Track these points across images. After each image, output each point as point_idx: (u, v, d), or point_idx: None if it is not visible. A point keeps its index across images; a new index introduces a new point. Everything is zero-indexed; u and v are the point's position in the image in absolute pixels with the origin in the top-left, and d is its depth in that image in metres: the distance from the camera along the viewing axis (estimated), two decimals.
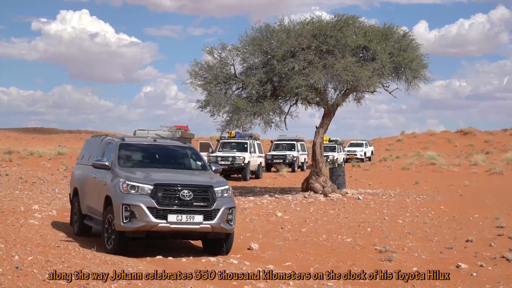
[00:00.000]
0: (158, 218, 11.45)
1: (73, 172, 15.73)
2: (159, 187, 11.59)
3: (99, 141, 14.55)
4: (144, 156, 13.67)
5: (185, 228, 11.61)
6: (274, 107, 24.58)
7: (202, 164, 13.63)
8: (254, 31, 24.88)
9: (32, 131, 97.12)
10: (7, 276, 7.84)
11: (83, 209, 14.10)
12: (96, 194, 13.07)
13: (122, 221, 11.47)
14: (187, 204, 11.59)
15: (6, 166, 34.64)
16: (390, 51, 24.44)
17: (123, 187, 11.68)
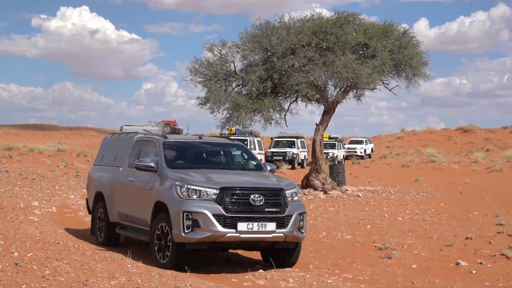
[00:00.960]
0: (226, 227, 9.97)
1: (91, 174, 14.05)
2: (226, 191, 10.10)
3: (127, 139, 13.02)
4: (191, 155, 12.19)
5: (256, 238, 10.19)
6: (274, 104, 24.59)
7: (257, 163, 12.29)
8: (254, 28, 24.91)
9: (32, 128, 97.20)
10: (6, 272, 7.85)
11: (112, 216, 12.58)
12: (136, 199, 11.65)
13: (182, 231, 9.96)
14: (258, 210, 10.14)
15: (6, 163, 34.65)
16: (390, 49, 24.44)
17: (182, 191, 10.19)
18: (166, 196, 10.42)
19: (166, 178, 10.69)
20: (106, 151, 13.94)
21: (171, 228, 10.18)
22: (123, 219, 12.20)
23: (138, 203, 11.47)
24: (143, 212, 11.21)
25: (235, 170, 11.88)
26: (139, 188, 11.47)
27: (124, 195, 12.12)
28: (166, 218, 10.36)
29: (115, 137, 14.07)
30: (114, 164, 12.96)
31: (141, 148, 12.20)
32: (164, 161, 11.18)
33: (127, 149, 12.65)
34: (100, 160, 13.98)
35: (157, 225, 10.59)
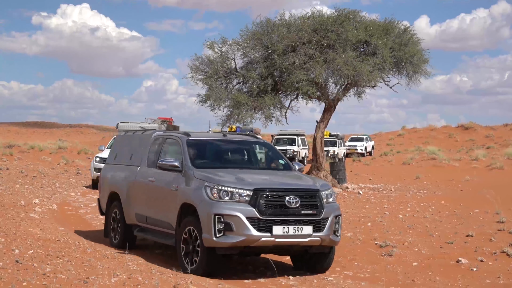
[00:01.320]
0: (261, 230, 9.39)
1: (103, 174, 13.40)
2: (260, 193, 9.50)
3: (144, 138, 12.31)
4: (215, 154, 11.60)
5: (291, 242, 9.64)
6: (275, 101, 24.59)
7: (285, 162, 11.62)
8: (255, 26, 24.93)
9: (33, 125, 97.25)
10: (7, 270, 7.85)
11: (129, 218, 11.98)
12: (157, 201, 11.04)
13: (214, 235, 9.36)
14: (294, 213, 9.56)
15: (6, 160, 34.66)
16: (391, 46, 24.44)
17: (212, 193, 9.56)
18: (195, 198, 9.83)
19: (193, 179, 10.09)
20: (119, 149, 13.30)
21: (200, 232, 9.58)
22: (142, 221, 11.56)
23: (161, 205, 10.89)
24: (166, 215, 10.61)
25: (264, 170, 11.33)
26: (162, 189, 10.87)
27: (144, 196, 11.52)
28: (194, 221, 9.79)
29: (129, 135, 13.37)
30: (130, 163, 12.33)
31: (161, 147, 11.55)
32: (189, 160, 10.55)
33: (144, 147, 12.00)
34: (113, 159, 13.34)
35: (183, 229, 10.00)
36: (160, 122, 25.65)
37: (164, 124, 25.36)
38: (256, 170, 11.13)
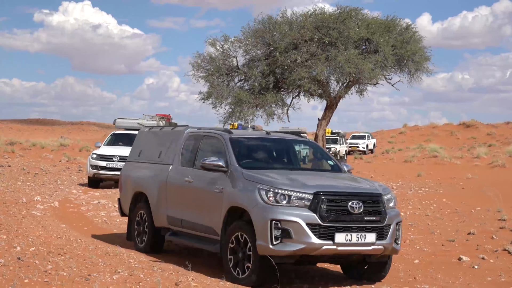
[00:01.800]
0: (322, 238, 8.62)
1: (125, 172, 12.53)
2: (321, 197, 8.72)
3: (175, 134, 11.45)
4: (260, 154, 10.78)
5: (354, 250, 8.89)
6: (277, 99, 24.60)
7: (334, 163, 10.79)
8: (256, 23, 24.93)
9: (35, 123, 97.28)
10: (9, 267, 7.85)
11: (159, 220, 11.13)
12: (197, 203, 10.24)
13: (270, 243, 8.56)
14: (357, 219, 8.80)
15: (8, 157, 34.68)
16: (393, 44, 24.43)
17: (268, 196, 8.76)
18: (246, 201, 9.01)
19: (242, 180, 9.31)
20: (144, 146, 12.35)
21: (253, 238, 8.79)
22: (177, 225, 10.76)
23: (201, 208, 10.09)
24: (208, 218, 9.84)
25: (314, 171, 10.58)
26: (202, 191, 10.07)
27: (179, 197, 10.71)
28: (245, 226, 9.00)
29: (155, 131, 12.44)
30: (159, 161, 11.44)
31: (197, 145, 10.73)
32: (236, 160, 9.73)
33: (176, 145, 11.15)
34: (136, 156, 12.39)
35: (231, 235, 9.20)
36: (158, 119, 25.41)
37: (163, 121, 25.22)
38: (306, 171, 10.44)
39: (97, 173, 22.56)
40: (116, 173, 21.96)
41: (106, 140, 24.39)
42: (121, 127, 25.34)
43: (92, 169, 22.69)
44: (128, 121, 25.36)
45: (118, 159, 22.34)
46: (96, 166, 22.54)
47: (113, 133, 24.94)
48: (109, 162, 22.50)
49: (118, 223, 14.87)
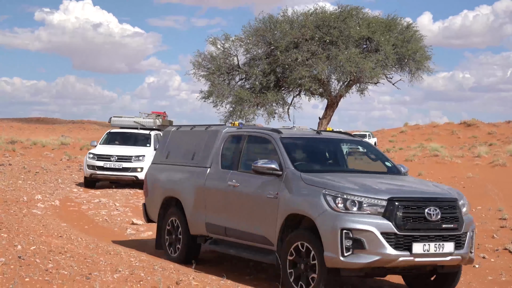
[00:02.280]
0: (399, 249, 7.81)
1: (152, 175, 11.58)
2: (396, 203, 7.90)
3: (210, 134, 10.57)
4: (313, 155, 9.97)
5: (431, 262, 8.08)
6: (277, 98, 24.61)
7: (392, 165, 9.96)
8: (257, 22, 24.92)
9: (35, 121, 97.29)
10: (9, 265, 7.85)
11: (196, 228, 10.27)
12: (244, 210, 9.35)
13: (340, 254, 7.75)
14: (435, 226, 8.02)
15: (9, 156, 34.70)
16: (394, 43, 24.43)
17: (337, 202, 7.95)
18: (310, 208, 8.20)
19: (301, 184, 8.50)
20: (172, 147, 11.40)
21: (319, 249, 7.99)
22: (218, 233, 9.90)
23: (250, 215, 9.24)
24: (259, 226, 9.02)
25: (373, 174, 9.62)
26: (251, 196, 9.23)
27: (221, 203, 9.83)
28: (308, 236, 8.22)
29: (185, 130, 11.47)
30: (193, 163, 10.56)
31: (241, 146, 9.89)
32: (290, 162, 8.92)
33: (213, 146, 10.29)
34: (164, 158, 11.45)
35: (291, 245, 8.38)
36: (154, 117, 25.10)
37: (159, 119, 24.96)
38: (365, 174, 9.50)
39: (94, 173, 21.89)
40: (114, 173, 21.82)
41: (102, 139, 23.82)
42: (116, 126, 24.67)
43: (89, 169, 21.99)
44: (124, 119, 24.71)
45: (116, 159, 21.85)
46: (93, 166, 21.92)
47: (109, 132, 24.33)
48: (107, 162, 21.86)
49: (119, 222, 14.87)
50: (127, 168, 21.76)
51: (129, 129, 23.97)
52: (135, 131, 23.77)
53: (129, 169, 21.74)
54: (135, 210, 16.88)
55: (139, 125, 23.98)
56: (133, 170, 21.73)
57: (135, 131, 23.80)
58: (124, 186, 22.15)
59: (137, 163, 21.78)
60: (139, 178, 21.44)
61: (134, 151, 22.26)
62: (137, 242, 12.44)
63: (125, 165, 21.76)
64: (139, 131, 23.73)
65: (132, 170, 21.74)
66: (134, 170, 21.71)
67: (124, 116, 24.81)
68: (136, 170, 21.70)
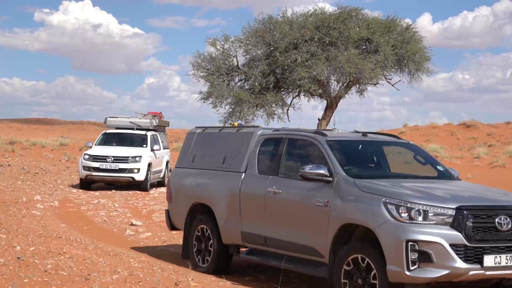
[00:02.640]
0: (469, 261, 7.24)
1: (178, 180, 10.87)
2: (465, 212, 7.31)
3: (243, 136, 9.89)
4: (362, 159, 9.37)
5: (501, 275, 7.57)
6: (277, 99, 24.61)
7: (443, 169, 9.34)
8: (257, 23, 24.92)
9: (35, 122, 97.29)
10: (8, 266, 7.85)
11: (229, 237, 9.59)
12: (289, 218, 8.67)
13: (406, 268, 7.17)
14: (505, 237, 7.42)
15: (8, 157, 34.70)
16: (393, 44, 24.43)
17: (400, 211, 7.34)
18: (368, 218, 7.59)
19: (356, 192, 7.90)
20: (199, 150, 10.70)
21: (381, 263, 7.40)
22: (257, 243, 9.22)
23: (295, 224, 8.58)
24: (307, 236, 8.36)
25: (426, 179, 8.99)
26: (296, 204, 8.60)
27: (259, 211, 9.11)
28: (367, 248, 7.60)
29: (213, 132, 10.80)
30: (224, 168, 9.91)
31: (280, 149, 9.21)
32: (340, 167, 8.29)
33: (247, 149, 9.64)
34: (189, 162, 10.73)
35: (346, 257, 7.76)
36: (151, 117, 24.86)
37: (155, 119, 24.77)
38: (419, 179, 8.90)
39: (90, 175, 21.45)
40: (110, 174, 21.47)
41: (98, 140, 23.36)
42: (112, 126, 24.16)
43: (85, 170, 21.52)
44: (120, 120, 24.23)
45: (112, 160, 21.48)
46: (88, 167, 21.44)
47: (105, 132, 23.83)
48: (103, 163, 21.44)
49: (118, 223, 14.87)
50: (123, 169, 21.45)
51: (125, 130, 23.67)
52: (131, 132, 23.47)
53: (126, 170, 21.43)
54: (134, 211, 16.88)
55: (135, 125, 23.70)
56: (129, 171, 21.43)
57: (131, 131, 23.49)
58: (123, 187, 22.15)
59: (133, 164, 21.49)
60: (136, 179, 21.39)
61: (131, 151, 21.94)
62: (136, 243, 12.43)
63: (121, 166, 21.45)
64: (135, 132, 23.44)
65: (129, 171, 21.43)
66: (131, 171, 21.43)
67: (120, 117, 24.41)
68: (132, 171, 21.43)
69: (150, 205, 18.36)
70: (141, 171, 21.57)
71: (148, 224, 14.84)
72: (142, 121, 24.04)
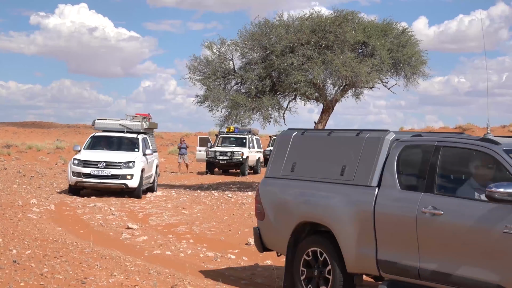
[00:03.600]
0: None
1: (274, 192, 9.09)
2: None
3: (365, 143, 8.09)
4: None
5: None
6: (273, 102, 24.61)
7: None
8: (253, 26, 24.93)
9: (31, 125, 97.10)
10: (4, 270, 7.84)
11: (357, 264, 7.89)
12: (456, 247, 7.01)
13: None
14: None
15: (4, 160, 34.64)
16: (389, 47, 24.46)
17: None
18: None
19: None
20: (300, 156, 8.93)
21: None
22: (404, 274, 7.43)
23: (469, 254, 6.93)
24: (489, 271, 6.73)
25: None
26: (468, 229, 6.93)
27: (408, 235, 7.37)
28: None
29: (319, 136, 9.30)
30: (343, 180, 8.15)
31: (432, 160, 7.43)
32: None
33: (376, 158, 7.90)
34: (289, 171, 8.91)
35: None
36: (141, 119, 22.87)
37: (145, 121, 23.09)
38: None
39: (80, 181, 20.26)
40: (102, 181, 20.32)
41: (86, 144, 22.01)
42: (101, 129, 22.74)
43: (74, 176, 20.28)
44: (108, 122, 22.73)
45: (104, 165, 20.26)
46: (78, 173, 20.20)
47: (93, 136, 22.39)
48: (94, 168, 20.17)
49: (114, 226, 14.85)
50: (116, 175, 20.25)
51: (115, 133, 22.40)
52: (121, 135, 22.24)
53: (119, 177, 20.24)
54: (130, 215, 16.87)
55: (125, 128, 22.36)
56: (122, 178, 20.23)
57: (121, 134, 22.25)
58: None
59: (127, 170, 20.31)
60: (129, 186, 20.33)
61: (123, 156, 20.78)
62: (132, 246, 12.41)
63: (114, 172, 20.26)
64: (125, 135, 22.23)
65: (122, 178, 20.23)
66: (124, 178, 20.23)
67: (109, 119, 23.03)
68: (126, 177, 20.22)
69: (147, 208, 18.35)
70: (134, 177, 20.37)
71: (145, 227, 14.82)
72: (133, 124, 22.60)
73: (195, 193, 23.27)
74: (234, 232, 14.36)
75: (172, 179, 30.41)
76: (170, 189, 24.46)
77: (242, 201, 20.61)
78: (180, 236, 13.75)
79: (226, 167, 34.95)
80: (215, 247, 12.52)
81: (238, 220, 16.20)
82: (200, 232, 14.35)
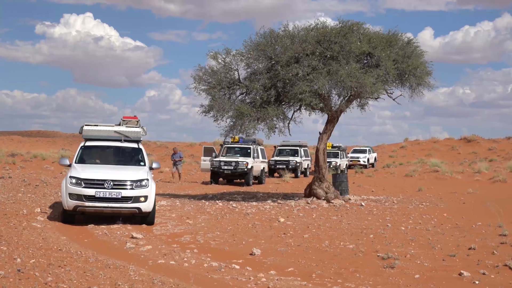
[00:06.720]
0: None
1: None
2: None
3: None
4: None
5: None
6: (278, 112, 24.60)
7: None
8: (258, 37, 24.94)
9: (36, 134, 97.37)
10: (9, 278, 7.85)
11: None
12: None
13: None
14: None
15: (9, 169, 34.69)
16: (395, 58, 24.46)
17: None
18: None
19: None
20: None
21: None
22: None
23: None
24: None
25: None
26: None
27: None
28: None
29: None
30: None
31: None
32: None
33: None
34: None
35: None
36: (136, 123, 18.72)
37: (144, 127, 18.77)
38: None
39: (81, 206, 15.95)
40: (110, 204, 15.95)
41: (77, 156, 17.65)
42: (91, 137, 18.19)
43: (72, 199, 15.93)
44: (100, 129, 18.26)
45: (112, 185, 15.91)
46: (78, 196, 15.89)
47: (83, 146, 18.01)
48: (100, 189, 15.85)
49: (118, 236, 14.85)
50: (127, 197, 16.02)
51: (110, 142, 18.16)
52: (118, 145, 18.14)
53: (130, 199, 16.03)
54: (134, 224, 16.85)
55: (122, 136, 18.20)
56: (135, 200, 16.07)
57: (118, 144, 18.13)
58: None
59: (140, 191, 16.14)
60: (143, 210, 16.24)
61: (132, 173, 16.51)
62: (136, 256, 12.40)
63: (124, 193, 16.00)
64: (124, 145, 18.15)
65: (134, 200, 16.06)
66: (137, 200, 16.09)
67: (101, 125, 18.53)
68: (138, 199, 16.11)
69: None
70: (148, 199, 16.29)
71: (149, 237, 14.81)
72: (131, 131, 18.36)
73: (199, 203, 23.27)
74: (239, 242, 14.34)
75: (176, 189, 30.42)
76: (174, 199, 24.46)
77: (246, 211, 20.60)
78: (185, 245, 13.74)
79: (231, 177, 34.97)
80: (219, 257, 12.51)
81: (242, 230, 16.19)
82: (205, 242, 14.34)
